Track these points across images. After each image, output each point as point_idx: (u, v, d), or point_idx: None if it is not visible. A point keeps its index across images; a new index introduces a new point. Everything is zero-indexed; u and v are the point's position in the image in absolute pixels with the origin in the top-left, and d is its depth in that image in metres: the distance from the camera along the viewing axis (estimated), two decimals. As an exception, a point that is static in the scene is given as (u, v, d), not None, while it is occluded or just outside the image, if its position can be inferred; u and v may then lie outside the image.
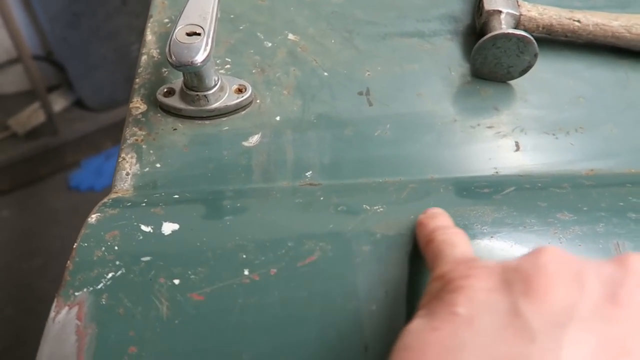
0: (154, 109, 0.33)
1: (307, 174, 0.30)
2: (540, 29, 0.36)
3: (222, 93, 0.32)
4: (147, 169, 0.30)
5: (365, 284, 0.23)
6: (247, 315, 0.22)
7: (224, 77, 0.33)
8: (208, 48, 0.29)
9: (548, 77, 0.36)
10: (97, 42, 1.33)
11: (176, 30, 0.29)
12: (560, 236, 0.25)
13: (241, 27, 0.38)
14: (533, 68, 0.34)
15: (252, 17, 0.39)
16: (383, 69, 0.36)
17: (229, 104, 0.32)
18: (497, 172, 0.31)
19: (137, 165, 0.30)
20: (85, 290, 0.23)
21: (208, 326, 0.22)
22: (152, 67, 0.35)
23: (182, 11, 0.31)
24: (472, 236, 0.25)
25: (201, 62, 0.29)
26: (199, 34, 0.29)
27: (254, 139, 0.32)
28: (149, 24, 0.38)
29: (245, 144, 0.31)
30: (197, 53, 0.29)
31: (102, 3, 1.34)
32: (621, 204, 0.27)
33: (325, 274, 0.24)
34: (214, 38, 0.30)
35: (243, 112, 0.33)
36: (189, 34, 0.29)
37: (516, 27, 0.36)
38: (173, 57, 0.29)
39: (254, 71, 0.35)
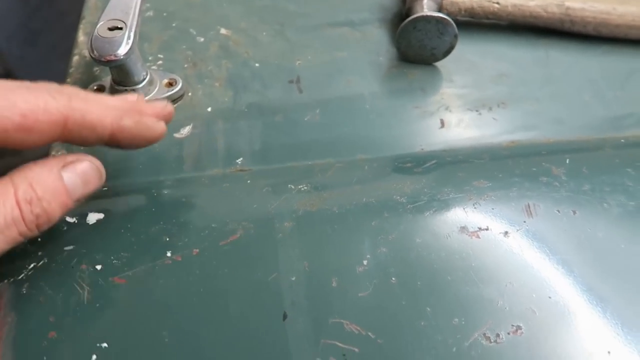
0: (85, 106, 0.33)
1: (237, 161, 0.31)
2: (463, 12, 0.38)
3: (152, 87, 0.33)
4: (77, 164, 0.30)
5: (286, 257, 0.24)
6: (168, 294, 0.23)
7: (154, 72, 0.34)
8: (130, 42, 0.29)
9: (472, 58, 0.37)
10: (57, 59, 1.32)
11: (98, 26, 0.30)
12: (475, 202, 0.26)
13: (174, 24, 0.38)
14: (458, 50, 0.36)
15: (185, 14, 0.39)
16: (313, 58, 0.37)
17: (159, 97, 0.33)
18: (422, 149, 0.32)
19: (67, 161, 0.30)
20: (5, 281, 0.23)
21: (129, 307, 0.22)
22: (84, 67, 0.36)
23: (106, 8, 0.31)
24: (392, 208, 0.26)
25: (123, 55, 0.29)
26: (120, 29, 0.30)
27: (185, 131, 0.32)
28: (81, 25, 0.38)
29: (177, 135, 0.32)
30: (118, 47, 0.29)
31: (59, 19, 1.33)
32: (534, 169, 0.28)
33: (246, 250, 0.24)
34: (136, 32, 0.30)
35: (174, 106, 0.33)
36: (110, 29, 0.30)
37: (439, 11, 0.37)
38: (95, 52, 0.29)
39: (186, 66, 0.36)
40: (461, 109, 0.34)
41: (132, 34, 0.30)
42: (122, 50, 0.29)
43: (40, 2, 1.30)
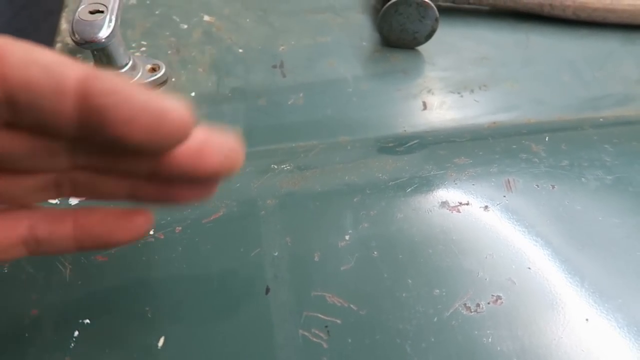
0: (68, 92, 0.33)
1: (221, 144, 0.31)
2: (444, -3, 0.38)
3: (135, 72, 0.33)
4: (60, 149, 0.30)
5: (269, 233, 0.24)
6: (150, 271, 0.23)
7: (138, 58, 0.34)
8: (112, 25, 0.29)
9: (454, 42, 0.37)
10: (43, 58, 1.31)
11: (79, 9, 0.30)
12: (456, 178, 0.27)
13: (157, 12, 0.38)
14: (440, 34, 0.36)
15: (168, 1, 0.39)
16: (296, 43, 0.37)
17: (142, 83, 0.33)
18: (405, 131, 0.32)
19: (49, 146, 0.30)
20: (-13, 261, 0.23)
21: (111, 284, 0.22)
22: (67, 54, 0.35)
23: (87, -8, 0.31)
24: (373, 185, 0.26)
25: (105, 38, 0.29)
26: (101, 12, 0.30)
27: (169, 115, 0.32)
28: (64, 14, 0.38)
29: (160, 119, 0.32)
30: (100, 29, 0.29)
31: (45, 18, 1.32)
32: (514, 147, 0.29)
33: (229, 227, 0.24)
34: (118, 16, 0.30)
35: (158, 91, 0.33)
36: (92, 12, 0.30)
37: (421, -4, 0.37)
38: (76, 35, 0.29)
39: (169, 52, 0.36)
40: (443, 92, 0.34)
41: (113, 17, 0.30)
42: (104, 33, 0.29)
43: (26, 1, 1.29)
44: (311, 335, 0.21)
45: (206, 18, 0.38)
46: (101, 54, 0.31)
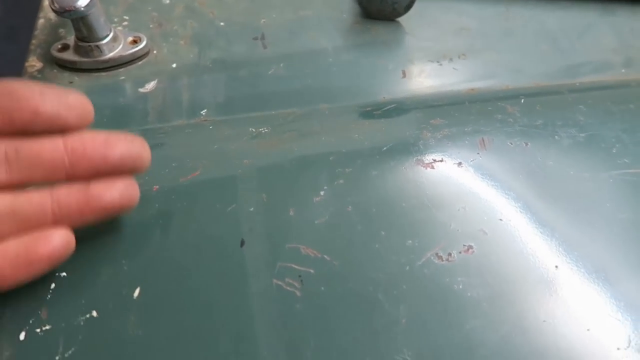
0: (50, 65, 0.33)
1: (202, 112, 0.31)
2: (424, -30, 0.38)
3: (116, 44, 0.33)
4: (41, 118, 0.30)
5: (245, 191, 0.25)
6: (127, 227, 0.23)
7: (119, 30, 0.34)
8: (91, -7, 0.30)
9: (434, 14, 0.38)
10: (36, 54, 1.31)
11: (58, -21, 0.30)
12: (431, 137, 0.27)
13: (139, -12, 0.39)
14: (420, 7, 0.36)
15: (151, -21, 0.39)
16: (278, 17, 0.37)
17: (123, 54, 0.33)
18: (384, 98, 0.32)
19: (31, 115, 0.30)
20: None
21: (87, 239, 0.23)
22: (49, 29, 0.36)
23: (66, -37, 0.31)
24: (350, 145, 0.27)
25: (84, 7, 0.29)
26: (81, -19, 0.30)
27: (150, 85, 0.33)
28: (47, -9, 0.39)
29: (141, 90, 0.32)
30: (79, -2, 0.29)
31: (38, 14, 1.32)
32: (490, 108, 0.29)
33: (206, 185, 0.25)
34: (97, -15, 0.30)
35: (139, 63, 0.34)
36: (71, -18, 0.30)
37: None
38: (55, 4, 0.29)
39: (151, 26, 0.36)
40: (422, 61, 0.35)
41: (92, -14, 0.30)
42: (83, 2, 0.29)
43: (18, -2, 1.29)
44: (285, 284, 0.22)
45: (188, -7, 0.38)
46: (81, 25, 0.31)
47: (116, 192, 0.20)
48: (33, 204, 0.20)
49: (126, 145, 0.21)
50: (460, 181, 0.25)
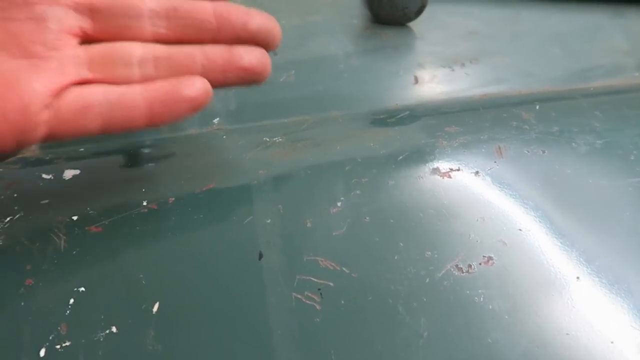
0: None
1: (214, 121, 0.31)
2: (434, -26, 0.38)
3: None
4: (53, 128, 0.30)
5: (261, 202, 0.24)
6: (144, 239, 0.23)
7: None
8: None
9: (444, 18, 0.38)
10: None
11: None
12: (446, 145, 0.27)
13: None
14: (430, 11, 0.36)
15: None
16: (287, 23, 0.37)
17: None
18: (397, 104, 0.32)
19: (43, 125, 0.30)
20: (-19, 235, 0.23)
21: (106, 253, 0.23)
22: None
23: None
24: (365, 154, 0.26)
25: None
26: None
27: (161, 94, 0.32)
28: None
29: (152, 98, 0.32)
30: None
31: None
32: (505, 115, 0.29)
33: (222, 197, 0.25)
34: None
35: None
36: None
37: (410, -27, 0.38)
38: None
39: (160, 33, 0.36)
40: (434, 66, 0.35)
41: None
42: None
43: None
44: (304, 297, 0.21)
45: (197, 0, 0.38)
46: None
47: (254, 56, 0.23)
48: (185, 53, 0.22)
49: (263, 19, 0.23)
50: (478, 190, 0.25)
